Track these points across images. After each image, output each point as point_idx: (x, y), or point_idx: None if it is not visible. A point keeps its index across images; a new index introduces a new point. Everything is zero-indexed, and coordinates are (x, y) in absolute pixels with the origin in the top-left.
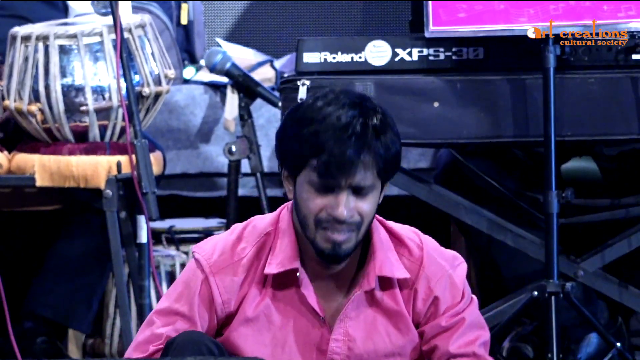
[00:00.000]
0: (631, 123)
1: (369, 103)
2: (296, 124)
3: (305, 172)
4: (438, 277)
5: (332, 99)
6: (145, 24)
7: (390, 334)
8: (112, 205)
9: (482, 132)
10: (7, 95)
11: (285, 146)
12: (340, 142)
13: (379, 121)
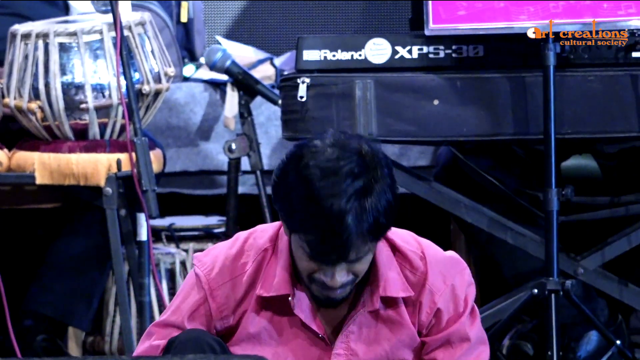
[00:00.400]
0: (631, 121)
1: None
2: (291, 189)
3: (298, 236)
4: (442, 291)
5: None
6: (145, 21)
7: (393, 346)
8: (112, 203)
9: (482, 129)
10: (7, 93)
11: (279, 200)
12: (332, 234)
13: (376, 200)
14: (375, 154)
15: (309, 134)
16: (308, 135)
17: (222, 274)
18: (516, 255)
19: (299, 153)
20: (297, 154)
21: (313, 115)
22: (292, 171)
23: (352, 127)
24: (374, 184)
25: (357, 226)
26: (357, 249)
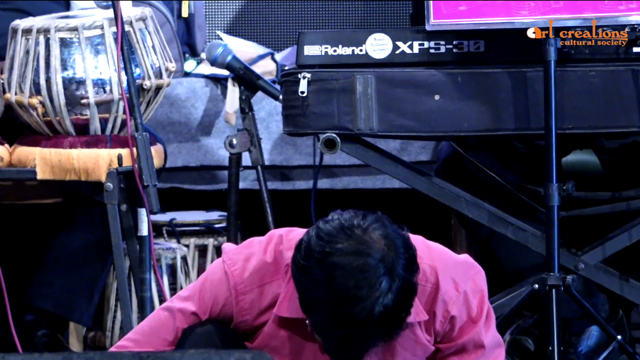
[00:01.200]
0: (632, 116)
1: (387, 276)
2: (308, 291)
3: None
4: (454, 299)
5: (351, 278)
6: (146, 17)
7: (411, 354)
8: (113, 198)
9: (483, 125)
10: (8, 88)
11: (301, 292)
12: (342, 346)
13: (396, 302)
14: (394, 247)
15: (309, 129)
16: (308, 131)
17: (251, 280)
18: (517, 251)
19: (325, 250)
20: (324, 251)
21: (314, 111)
22: (319, 270)
23: (353, 122)
24: (394, 288)
25: (375, 335)
26: (372, 349)
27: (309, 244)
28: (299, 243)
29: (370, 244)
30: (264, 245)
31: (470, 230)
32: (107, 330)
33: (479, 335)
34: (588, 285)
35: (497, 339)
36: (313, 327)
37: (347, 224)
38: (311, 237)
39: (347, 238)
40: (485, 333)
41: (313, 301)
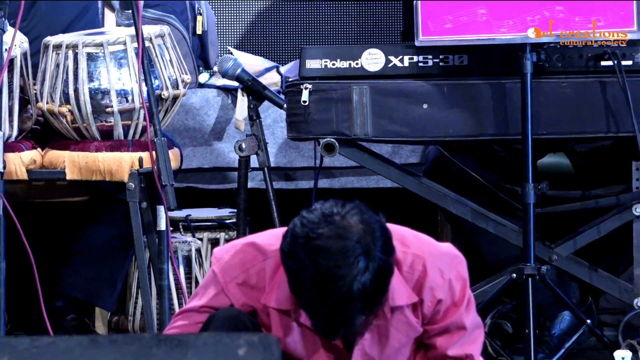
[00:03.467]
0: (600, 122)
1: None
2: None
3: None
4: (440, 286)
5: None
6: (164, 34)
7: (401, 340)
8: (134, 197)
9: (466, 130)
10: (40, 98)
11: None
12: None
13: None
14: (371, 231)
15: (311, 134)
16: (309, 136)
17: (234, 268)
18: (497, 243)
19: (302, 233)
20: (301, 233)
21: (315, 118)
22: (302, 252)
23: (350, 128)
24: (370, 267)
25: (356, 311)
26: (356, 322)
27: (294, 231)
28: (286, 231)
29: (349, 228)
30: (245, 240)
31: (455, 225)
32: (129, 315)
33: (461, 317)
34: (561, 275)
35: (477, 321)
36: (302, 307)
37: (328, 212)
38: (296, 225)
39: (328, 224)
40: (467, 316)
41: (300, 283)
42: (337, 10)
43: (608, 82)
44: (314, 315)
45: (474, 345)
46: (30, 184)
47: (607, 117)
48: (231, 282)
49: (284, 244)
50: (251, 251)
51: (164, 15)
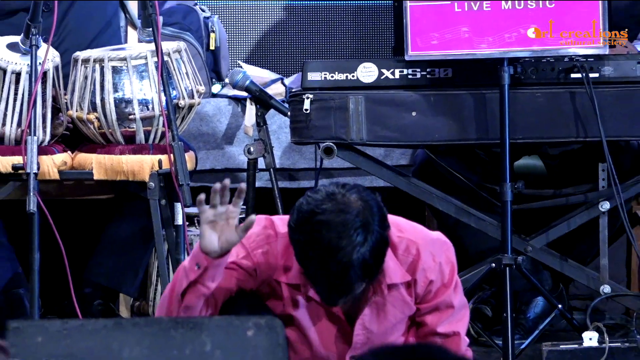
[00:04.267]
0: (570, 128)
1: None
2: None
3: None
4: (431, 267)
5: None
6: (181, 49)
7: (397, 317)
8: (154, 195)
9: (451, 135)
10: (70, 106)
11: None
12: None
13: (372, 248)
14: (369, 207)
15: (312, 139)
16: (311, 140)
17: (259, 240)
18: (478, 236)
19: (307, 209)
20: (307, 209)
21: (315, 124)
22: (303, 225)
23: (347, 133)
24: (369, 238)
25: (357, 274)
26: (355, 288)
27: (300, 208)
28: (292, 209)
29: (349, 204)
30: (265, 218)
31: (440, 220)
32: (150, 300)
33: (450, 297)
34: (535, 264)
35: (463, 302)
36: (307, 276)
37: (331, 191)
38: (302, 203)
39: (330, 200)
40: (455, 296)
41: (305, 253)
42: (335, 27)
43: (577, 93)
44: (318, 283)
45: (461, 324)
46: (62, 183)
47: (576, 124)
48: (256, 250)
49: (291, 220)
50: (270, 229)
51: (180, 32)
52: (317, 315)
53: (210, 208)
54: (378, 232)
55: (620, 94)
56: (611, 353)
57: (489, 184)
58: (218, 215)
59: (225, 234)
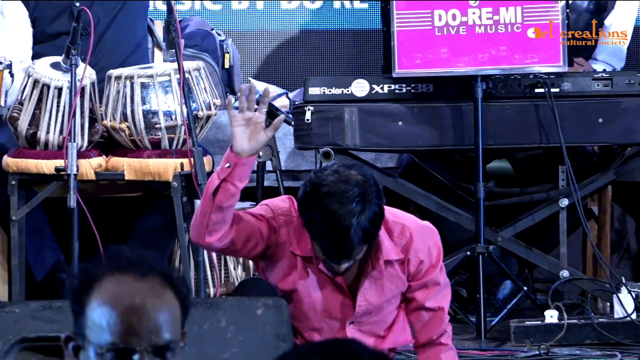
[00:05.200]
0: (534, 136)
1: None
2: (313, 210)
3: (316, 242)
4: (422, 249)
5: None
6: (200, 67)
7: (392, 291)
8: (177, 193)
9: (432, 142)
10: (104, 117)
11: (304, 214)
12: (340, 245)
13: (370, 217)
14: (367, 180)
15: (312, 145)
16: (311, 146)
17: (283, 209)
18: (455, 229)
19: (314, 184)
20: (313, 184)
21: (315, 132)
22: (310, 197)
23: (343, 140)
24: (366, 205)
25: (356, 237)
26: (356, 250)
27: (306, 184)
28: (301, 186)
29: (350, 177)
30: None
31: (423, 215)
32: None
33: (437, 276)
34: (504, 252)
35: (447, 281)
36: (313, 239)
37: (334, 168)
38: (309, 179)
39: (333, 175)
40: (440, 275)
41: (313, 220)
42: (333, 49)
43: (540, 105)
44: (324, 246)
45: (445, 300)
46: (97, 183)
47: (540, 132)
48: (281, 216)
49: (300, 194)
50: (292, 207)
51: (199, 53)
52: (325, 286)
53: (239, 112)
54: (375, 202)
55: (577, 106)
56: (569, 328)
57: (464, 183)
58: (246, 120)
59: (254, 134)
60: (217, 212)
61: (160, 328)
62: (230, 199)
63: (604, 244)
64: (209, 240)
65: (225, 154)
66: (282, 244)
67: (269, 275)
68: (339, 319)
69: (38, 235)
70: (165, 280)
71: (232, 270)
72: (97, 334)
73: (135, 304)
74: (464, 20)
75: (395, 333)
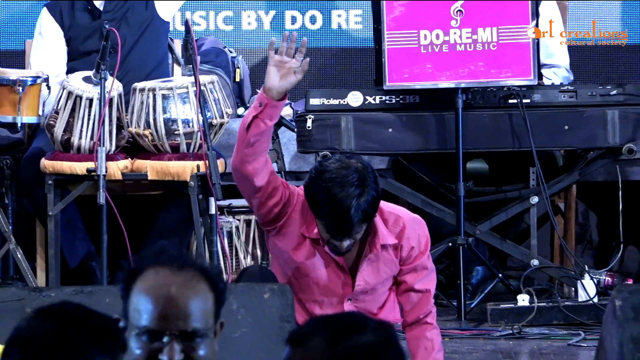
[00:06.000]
0: (508, 141)
1: (361, 184)
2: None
3: (319, 221)
4: (413, 236)
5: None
6: (214, 80)
7: (386, 273)
8: (194, 191)
9: (418, 146)
10: (130, 124)
11: (309, 198)
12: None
13: (368, 199)
14: (365, 167)
15: (313, 149)
16: (312, 150)
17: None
18: (438, 222)
19: (319, 170)
20: (318, 170)
21: (315, 138)
22: (316, 181)
23: (340, 144)
24: (365, 189)
25: (355, 217)
26: (356, 229)
27: (312, 171)
28: (308, 172)
29: (351, 165)
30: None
31: (410, 211)
32: None
33: (425, 261)
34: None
35: (434, 267)
36: (318, 218)
37: (337, 157)
38: (314, 167)
39: (335, 162)
40: (428, 261)
41: (317, 202)
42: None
43: (514, 114)
44: (327, 225)
45: (432, 283)
46: (124, 183)
47: (513, 137)
48: (300, 196)
49: (306, 181)
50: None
51: (213, 68)
52: (329, 265)
53: (277, 54)
54: (373, 186)
55: (545, 115)
56: (538, 310)
57: (447, 182)
58: (282, 62)
59: (286, 76)
60: (248, 145)
61: (189, 316)
62: (261, 135)
63: (569, 236)
64: (246, 169)
65: (258, 95)
66: (294, 221)
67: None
68: (339, 295)
69: (71, 228)
70: (201, 274)
71: (242, 260)
72: (136, 317)
73: (168, 293)
74: (447, 39)
75: (386, 312)
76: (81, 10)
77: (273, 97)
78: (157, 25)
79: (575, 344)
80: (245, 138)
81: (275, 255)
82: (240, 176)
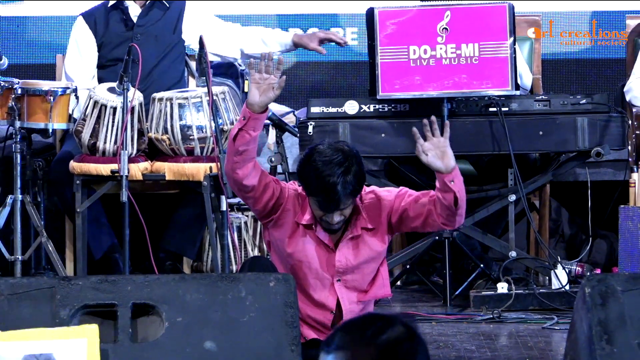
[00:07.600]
0: (489, 145)
1: (346, 163)
2: (307, 172)
3: (311, 198)
4: (388, 196)
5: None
6: (225, 91)
7: (367, 252)
8: (207, 190)
9: (408, 149)
10: (150, 130)
11: (300, 178)
12: (330, 196)
13: (353, 176)
14: (350, 149)
15: None
16: None
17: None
18: None
19: (310, 152)
20: (310, 152)
21: (316, 142)
22: (307, 161)
23: None
24: (351, 167)
25: (343, 191)
26: (344, 203)
27: (305, 153)
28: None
29: (339, 147)
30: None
31: None
32: (204, 262)
33: (402, 191)
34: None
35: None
36: (309, 195)
37: (326, 142)
38: (306, 150)
39: (325, 145)
40: (404, 190)
41: (309, 179)
42: (330, 76)
43: (494, 121)
44: (318, 200)
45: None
46: (144, 182)
47: (493, 142)
48: (291, 189)
49: (299, 163)
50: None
51: (224, 79)
52: (320, 249)
53: (257, 72)
54: (356, 164)
55: (522, 122)
56: (516, 297)
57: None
58: (262, 79)
59: (265, 92)
60: (236, 154)
61: None
62: (246, 144)
63: (543, 230)
64: (237, 175)
65: (242, 109)
66: (288, 212)
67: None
68: (327, 276)
69: (97, 223)
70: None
71: (250, 252)
72: None
73: None
74: (433, 54)
75: (376, 288)
76: (116, 20)
77: (255, 111)
78: (180, 49)
79: (549, 327)
80: (233, 148)
81: (273, 245)
82: (232, 180)
